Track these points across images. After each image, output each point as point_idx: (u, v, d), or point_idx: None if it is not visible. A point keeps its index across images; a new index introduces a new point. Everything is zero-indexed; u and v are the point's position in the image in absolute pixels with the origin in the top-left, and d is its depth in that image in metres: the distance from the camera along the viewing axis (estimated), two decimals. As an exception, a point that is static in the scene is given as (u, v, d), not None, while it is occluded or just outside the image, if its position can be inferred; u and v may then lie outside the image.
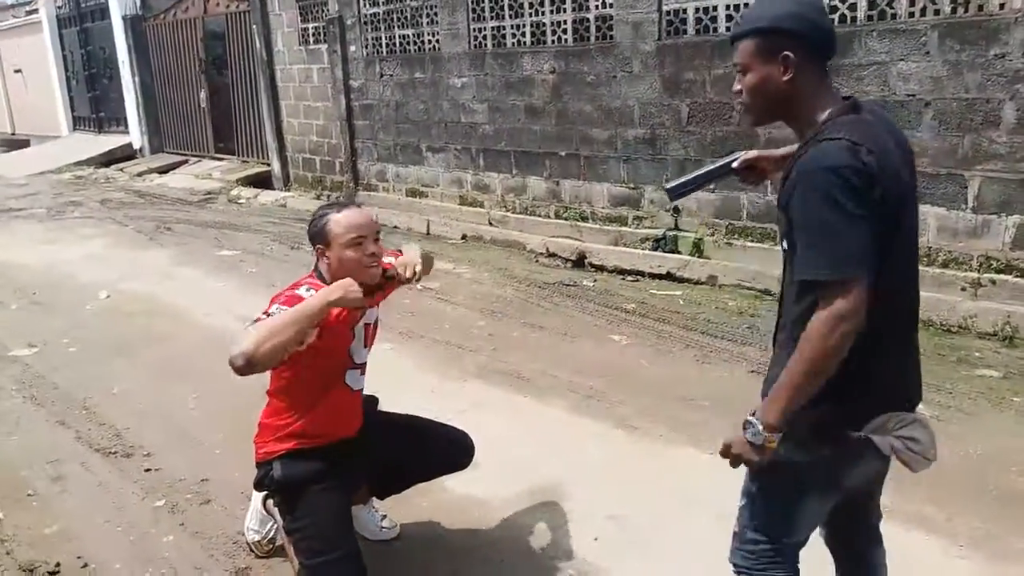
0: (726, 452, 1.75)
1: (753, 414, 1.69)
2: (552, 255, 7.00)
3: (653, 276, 6.30)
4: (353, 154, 9.74)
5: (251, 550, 2.81)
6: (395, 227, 8.46)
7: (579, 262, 6.84)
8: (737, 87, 1.77)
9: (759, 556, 1.87)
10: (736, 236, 6.47)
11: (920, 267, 5.43)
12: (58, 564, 2.77)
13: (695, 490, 3.12)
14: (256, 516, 2.79)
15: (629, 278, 6.27)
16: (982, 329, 4.88)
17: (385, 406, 2.89)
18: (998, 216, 5.15)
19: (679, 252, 6.69)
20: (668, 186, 2.19)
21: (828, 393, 1.62)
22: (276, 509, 2.60)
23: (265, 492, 2.64)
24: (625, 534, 2.88)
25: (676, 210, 6.82)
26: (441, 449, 2.77)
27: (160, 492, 3.25)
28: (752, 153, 2.12)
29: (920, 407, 1.80)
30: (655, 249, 6.78)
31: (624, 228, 7.13)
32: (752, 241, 6.36)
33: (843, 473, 1.77)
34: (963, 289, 5.23)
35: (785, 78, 1.68)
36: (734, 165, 2.10)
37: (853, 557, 2.04)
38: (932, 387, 4.02)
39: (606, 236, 7.16)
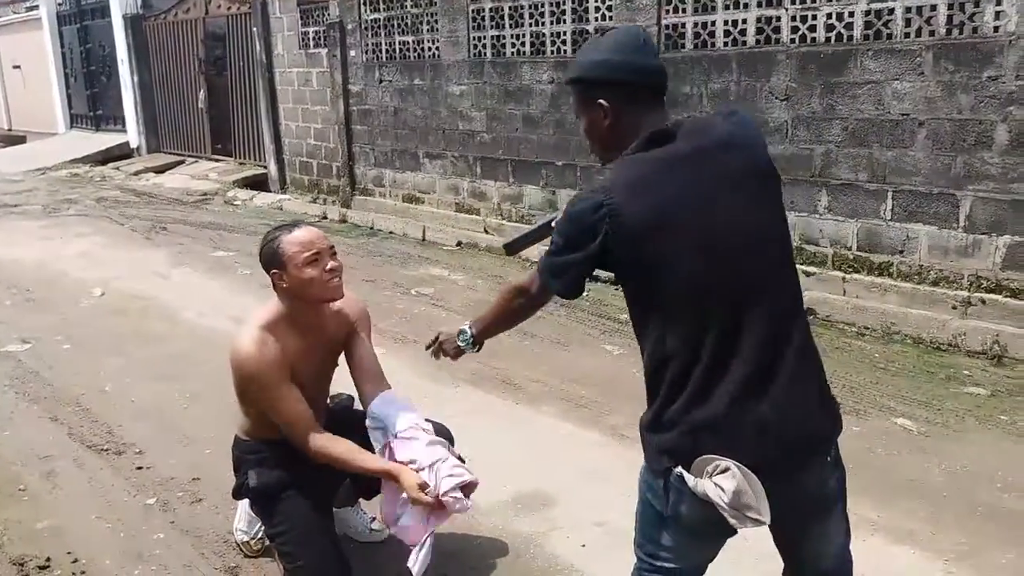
0: (435, 342, 2.30)
1: (470, 326, 2.21)
2: (547, 264, 7.03)
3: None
4: (351, 158, 9.76)
5: (240, 549, 2.82)
6: (391, 233, 8.49)
7: (573, 271, 6.88)
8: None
9: (639, 572, 1.84)
10: (730, 249, 6.50)
11: (911, 285, 5.40)
12: (48, 559, 2.79)
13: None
14: (244, 517, 2.81)
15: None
16: (971, 347, 4.93)
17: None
18: (989, 236, 5.20)
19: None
20: (504, 243, 2.44)
21: (652, 424, 1.70)
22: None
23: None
24: (611, 540, 2.90)
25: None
26: None
27: (151, 490, 3.27)
28: None
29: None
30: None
31: (619, 239, 7.17)
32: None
33: (679, 509, 1.66)
34: (954, 307, 5.28)
35: (607, 123, 1.75)
36: (553, 224, 2.14)
37: None
38: (920, 404, 4.07)
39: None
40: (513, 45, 7.83)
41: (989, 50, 5.03)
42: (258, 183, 11.21)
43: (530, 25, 7.63)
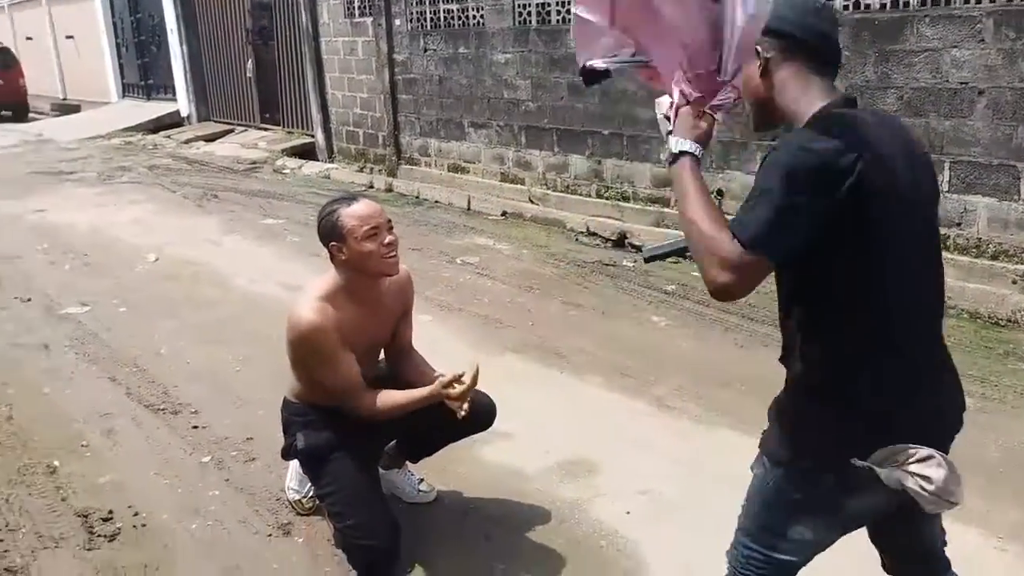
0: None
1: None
2: (592, 234, 7.00)
3: (688, 256, 6.28)
4: (396, 128, 9.79)
5: (292, 508, 2.90)
6: (436, 202, 8.51)
7: (619, 242, 6.83)
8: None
9: (747, 562, 1.75)
10: (778, 221, 6.41)
11: (969, 258, 5.27)
12: (111, 512, 2.89)
13: (728, 469, 3.10)
14: (296, 476, 2.88)
15: (670, 260, 6.26)
16: (1032, 323, 4.81)
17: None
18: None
19: (720, 235, 6.66)
20: (644, 254, 2.23)
21: (827, 415, 1.59)
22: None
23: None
24: (656, 508, 2.92)
25: (720, 192, 6.77)
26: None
27: (207, 448, 3.37)
28: None
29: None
30: (696, 231, 6.75)
31: (666, 209, 7.10)
32: (794, 226, 6.30)
33: (845, 500, 1.62)
34: (1014, 282, 5.14)
35: (760, 77, 1.61)
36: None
37: None
38: (976, 380, 3.98)
39: (648, 216, 7.14)
40: (558, 12, 7.74)
41: (1056, 15, 4.85)
42: (306, 152, 11.31)
43: (578, -8, 7.54)
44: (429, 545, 2.74)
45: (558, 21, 7.75)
